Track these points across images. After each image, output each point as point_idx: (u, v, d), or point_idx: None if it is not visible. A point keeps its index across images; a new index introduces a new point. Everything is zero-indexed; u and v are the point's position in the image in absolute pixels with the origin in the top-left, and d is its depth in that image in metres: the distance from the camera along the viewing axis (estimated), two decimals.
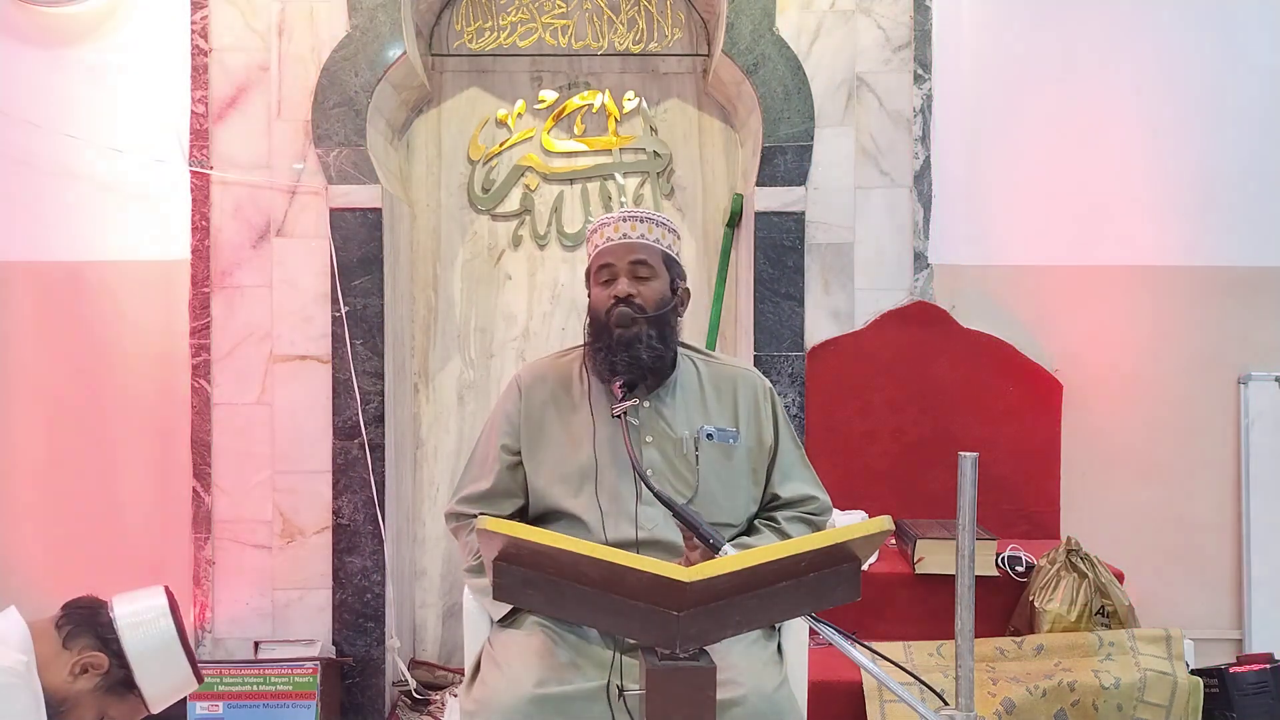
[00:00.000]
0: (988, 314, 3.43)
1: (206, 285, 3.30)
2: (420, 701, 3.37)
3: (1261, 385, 3.45)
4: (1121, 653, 2.80)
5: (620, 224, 2.13)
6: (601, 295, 2.12)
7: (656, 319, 2.09)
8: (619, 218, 2.14)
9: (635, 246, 2.11)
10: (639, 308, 2.08)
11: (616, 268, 2.11)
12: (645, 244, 2.12)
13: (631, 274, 2.11)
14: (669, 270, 2.14)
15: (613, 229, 2.13)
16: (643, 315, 2.07)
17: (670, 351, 2.13)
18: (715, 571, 1.42)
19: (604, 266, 2.13)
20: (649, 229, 2.13)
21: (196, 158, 3.29)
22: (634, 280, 2.10)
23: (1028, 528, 3.32)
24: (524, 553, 1.47)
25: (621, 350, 2.06)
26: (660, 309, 2.10)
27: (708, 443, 2.11)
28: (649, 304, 2.09)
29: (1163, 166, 3.46)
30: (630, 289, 2.09)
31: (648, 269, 2.11)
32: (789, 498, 2.20)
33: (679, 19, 3.66)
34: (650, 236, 2.13)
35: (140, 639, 1.90)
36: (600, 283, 2.14)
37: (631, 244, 2.11)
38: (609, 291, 2.11)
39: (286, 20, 3.31)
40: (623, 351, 2.06)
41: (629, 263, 2.11)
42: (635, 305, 2.08)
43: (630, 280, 2.10)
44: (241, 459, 3.30)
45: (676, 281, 2.16)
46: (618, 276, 2.11)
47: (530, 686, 1.88)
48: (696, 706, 1.42)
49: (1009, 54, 3.45)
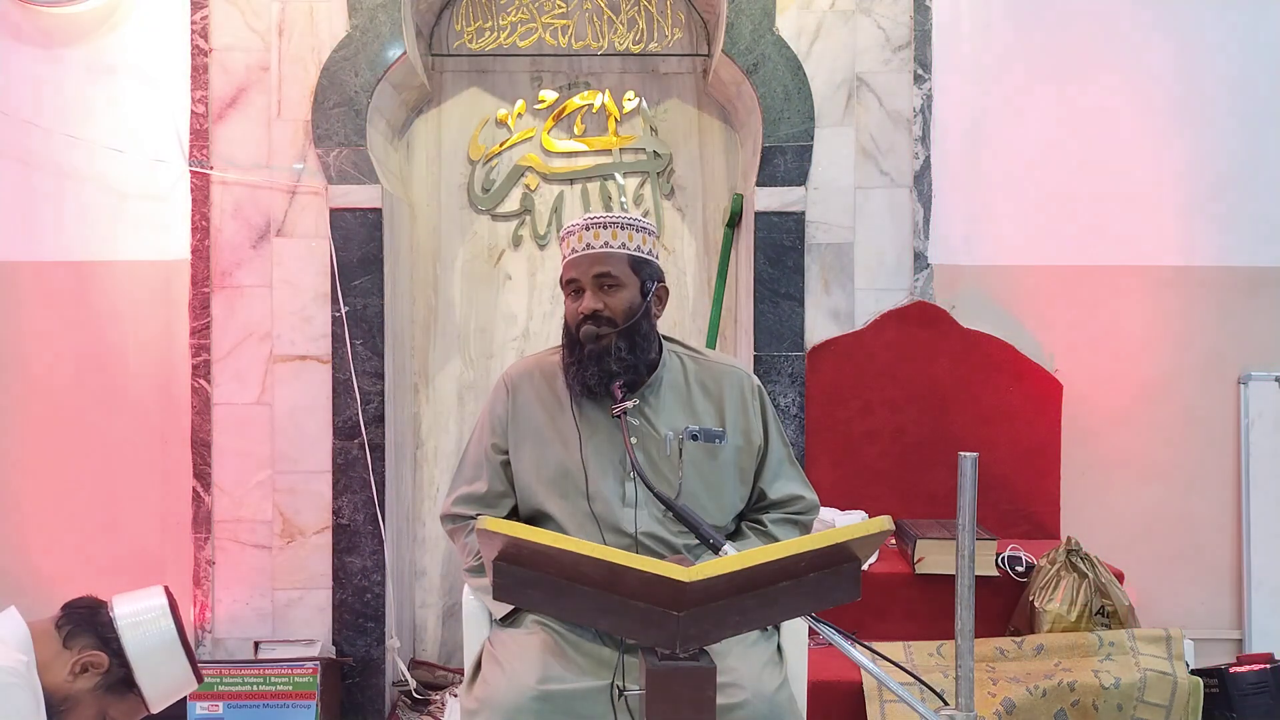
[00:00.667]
0: (988, 314, 3.43)
1: (206, 285, 3.30)
2: (420, 701, 3.37)
3: (1261, 385, 3.45)
4: (1121, 653, 2.80)
5: (584, 233, 2.10)
6: (571, 309, 2.11)
7: (626, 330, 2.07)
8: (582, 225, 2.11)
9: (599, 258, 2.08)
10: (607, 321, 2.06)
11: (581, 281, 2.09)
12: (610, 253, 2.08)
13: (597, 286, 2.08)
14: (639, 273, 2.11)
15: (577, 239, 2.10)
16: (611, 329, 2.06)
17: (645, 357, 2.11)
18: (715, 571, 1.42)
19: (570, 280, 2.11)
20: (613, 235, 2.09)
21: (196, 158, 3.30)
22: (599, 293, 2.08)
23: (1028, 528, 3.32)
24: (524, 553, 1.47)
25: (592, 364, 2.06)
26: (630, 319, 2.08)
27: (692, 443, 2.08)
28: (617, 315, 2.07)
29: (1163, 166, 3.46)
30: (595, 303, 2.07)
31: (613, 279, 2.08)
32: (776, 498, 2.19)
33: (679, 19, 3.66)
34: (615, 243, 2.09)
35: (140, 638, 1.90)
36: (568, 295, 2.13)
37: (595, 255, 2.08)
38: (576, 306, 2.09)
39: (286, 20, 3.31)
40: (593, 365, 2.06)
41: (593, 276, 2.08)
42: (603, 319, 2.06)
43: (595, 293, 2.08)
44: (241, 459, 3.30)
45: (649, 284, 2.12)
46: (583, 290, 2.09)
47: (531, 685, 1.89)
48: (696, 706, 1.42)
49: (1009, 54, 3.45)
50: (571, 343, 2.10)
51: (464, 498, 2.21)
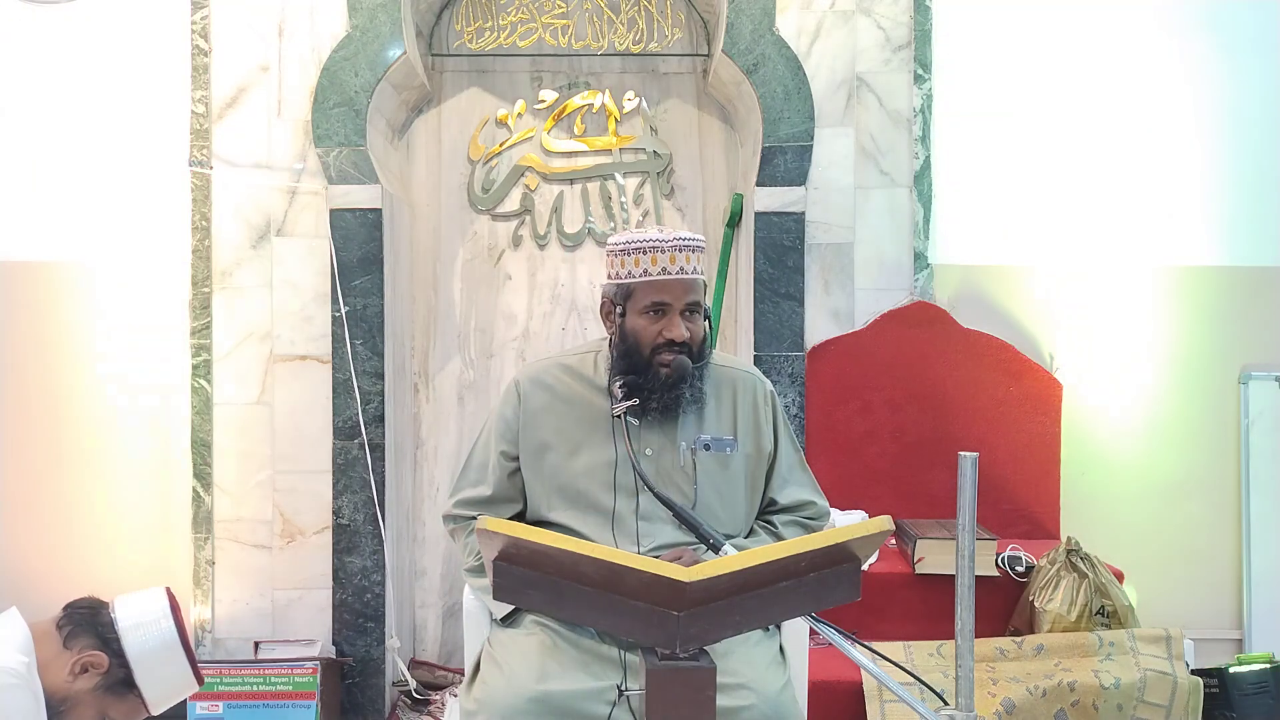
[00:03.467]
0: (988, 314, 3.43)
1: (207, 285, 3.30)
2: (420, 701, 3.37)
3: (1261, 385, 3.45)
4: (1121, 653, 2.80)
5: (676, 255, 2.03)
6: (649, 330, 2.05)
7: (701, 363, 2.06)
8: (674, 246, 2.04)
9: (691, 285, 2.04)
10: (695, 354, 2.04)
11: (673, 306, 2.04)
12: (698, 280, 2.06)
13: (686, 313, 2.04)
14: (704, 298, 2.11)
15: (668, 259, 2.03)
16: (692, 358, 2.04)
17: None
18: (715, 571, 1.42)
19: (657, 302, 2.04)
20: (699, 259, 2.06)
21: (196, 157, 3.30)
22: (687, 320, 2.04)
23: (1028, 528, 3.32)
24: (524, 553, 1.47)
25: (666, 391, 2.03)
26: (704, 349, 2.07)
27: (704, 454, 2.06)
28: (696, 344, 2.05)
29: (1163, 166, 3.46)
30: (685, 332, 2.03)
31: (698, 308, 2.06)
32: (786, 503, 2.18)
33: (679, 19, 3.66)
34: (700, 269, 2.07)
35: (141, 640, 1.90)
36: (646, 313, 2.05)
37: (688, 282, 2.04)
38: (658, 328, 2.04)
39: (286, 20, 3.31)
40: (667, 393, 2.03)
41: (686, 303, 2.04)
42: (689, 349, 2.03)
43: (685, 321, 2.04)
44: (241, 459, 3.30)
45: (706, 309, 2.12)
46: (668, 312, 2.04)
47: (530, 686, 1.88)
48: (696, 706, 1.42)
49: (1009, 54, 3.45)
50: (640, 365, 2.04)
51: (467, 501, 2.18)
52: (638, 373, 2.04)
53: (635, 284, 2.05)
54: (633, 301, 2.06)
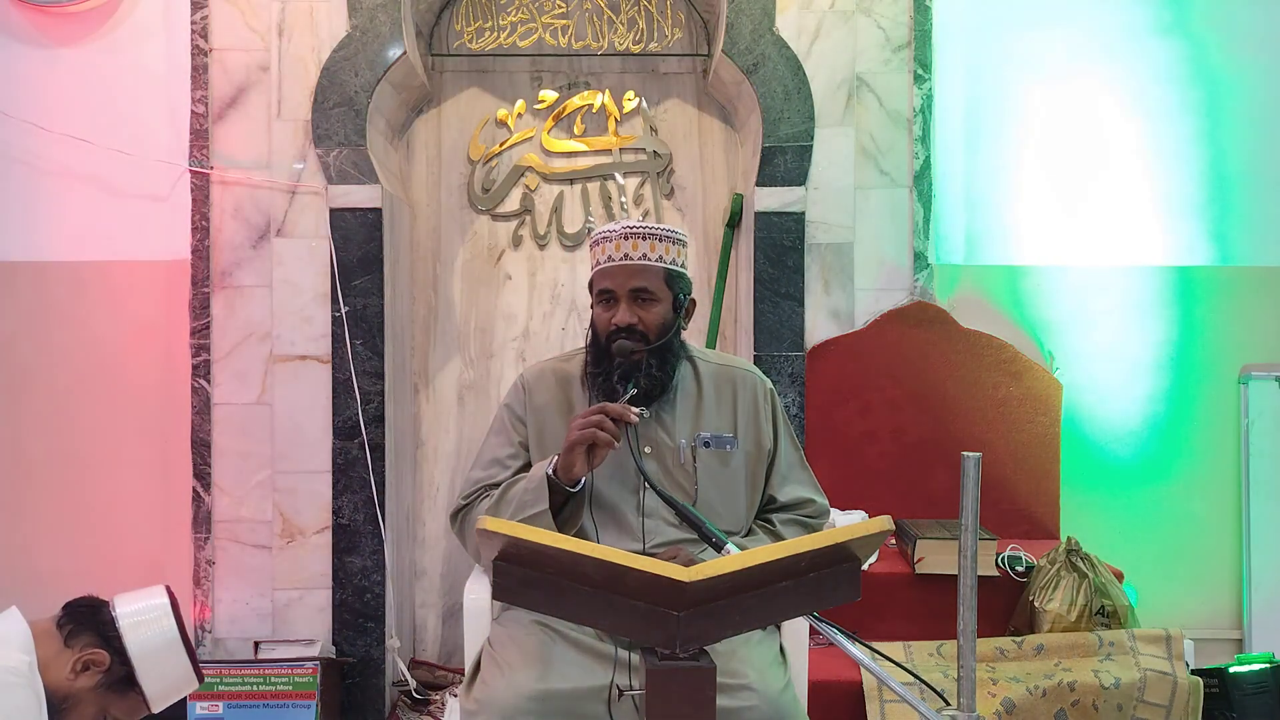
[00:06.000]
0: (988, 314, 3.43)
1: (206, 285, 3.30)
2: (420, 701, 3.37)
3: (1262, 385, 3.45)
4: (1121, 653, 2.80)
5: (621, 242, 2.05)
6: (602, 317, 2.07)
7: (658, 348, 2.04)
8: (620, 234, 2.05)
9: (635, 271, 2.04)
10: (640, 336, 2.02)
11: (617, 293, 2.05)
12: (646, 266, 2.04)
13: (632, 299, 2.04)
14: (672, 287, 2.07)
15: (614, 247, 2.05)
16: (643, 345, 2.02)
17: (672, 372, 2.08)
18: (715, 571, 1.42)
19: (603, 290, 2.06)
20: (651, 247, 2.04)
21: (196, 158, 3.29)
22: (634, 306, 2.03)
23: (1028, 528, 3.32)
24: (524, 553, 1.47)
25: (621, 380, 2.02)
26: (662, 336, 2.04)
27: (704, 450, 2.07)
28: (651, 331, 2.03)
29: (1163, 166, 3.47)
30: (630, 317, 2.02)
31: (648, 294, 2.04)
32: (786, 501, 2.19)
33: (679, 19, 3.66)
34: (653, 255, 2.04)
35: (142, 638, 1.90)
36: (600, 302, 2.08)
37: (632, 268, 2.04)
38: (608, 316, 2.05)
39: (286, 20, 3.31)
40: (622, 381, 2.02)
41: (630, 289, 2.04)
42: (636, 334, 2.02)
43: (630, 307, 2.03)
44: (241, 459, 3.30)
45: (681, 298, 2.09)
46: (618, 301, 2.05)
47: (529, 685, 1.88)
48: (696, 706, 1.42)
49: (1009, 54, 3.46)
50: (600, 353, 2.06)
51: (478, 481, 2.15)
52: (597, 362, 2.07)
53: (593, 276, 2.11)
54: (592, 293, 2.12)
